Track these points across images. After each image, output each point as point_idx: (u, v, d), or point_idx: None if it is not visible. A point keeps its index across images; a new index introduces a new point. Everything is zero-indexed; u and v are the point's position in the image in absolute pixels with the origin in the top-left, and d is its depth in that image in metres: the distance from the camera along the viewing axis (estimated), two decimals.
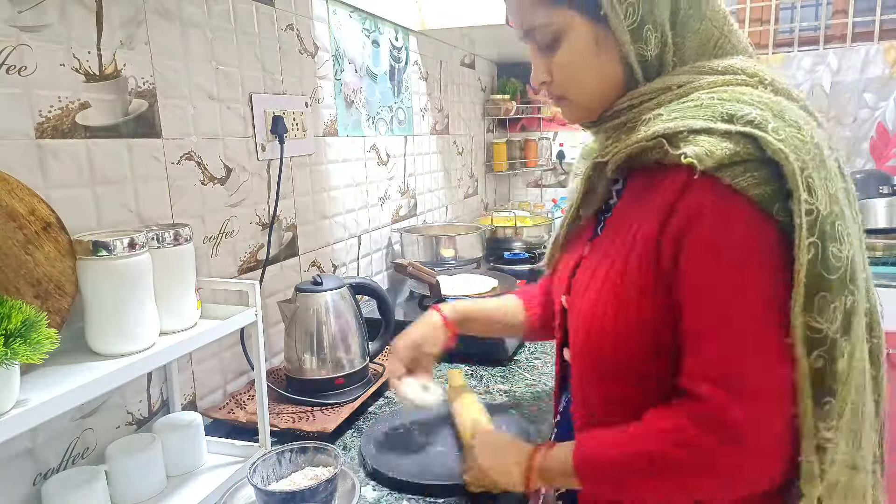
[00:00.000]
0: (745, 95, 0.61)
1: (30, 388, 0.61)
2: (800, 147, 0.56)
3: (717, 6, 0.69)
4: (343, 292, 1.14)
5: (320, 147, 1.41)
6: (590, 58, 0.69)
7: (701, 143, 0.58)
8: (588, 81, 0.70)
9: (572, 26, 0.68)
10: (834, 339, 0.56)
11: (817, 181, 0.55)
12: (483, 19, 1.80)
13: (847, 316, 0.56)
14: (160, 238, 0.78)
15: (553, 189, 2.83)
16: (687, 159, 0.58)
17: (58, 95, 0.80)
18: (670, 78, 0.67)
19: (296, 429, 0.99)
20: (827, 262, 0.55)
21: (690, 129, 0.59)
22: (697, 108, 0.61)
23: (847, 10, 2.39)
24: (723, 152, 0.57)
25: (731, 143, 0.57)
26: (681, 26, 0.67)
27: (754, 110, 0.58)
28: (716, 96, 0.62)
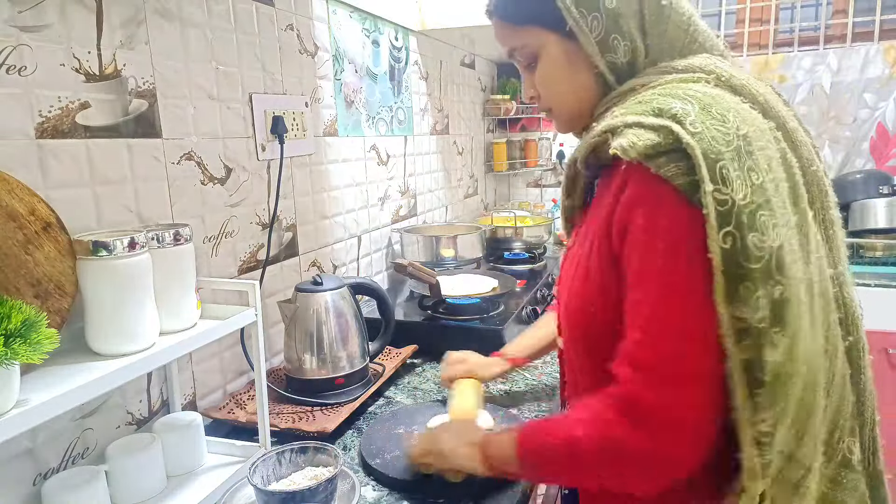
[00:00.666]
0: (680, 90, 0.63)
1: (30, 388, 0.61)
2: (717, 139, 0.57)
3: (681, 8, 0.71)
4: (343, 292, 1.14)
5: (320, 147, 1.41)
6: (564, 71, 0.73)
7: (628, 135, 0.60)
8: (565, 93, 0.75)
9: (545, 44, 0.73)
10: (759, 328, 0.56)
11: (734, 172, 0.56)
12: (483, 19, 1.78)
13: (776, 306, 0.56)
14: (160, 238, 0.78)
15: (553, 189, 2.83)
16: (613, 150, 0.61)
17: (58, 95, 0.80)
18: (636, 80, 0.70)
19: (296, 429, 0.99)
20: (747, 252, 0.56)
21: (625, 124, 0.62)
22: (638, 104, 0.64)
23: (847, 10, 2.39)
24: (645, 143, 0.59)
25: (655, 135, 0.59)
26: (648, 31, 0.69)
27: (680, 104, 0.60)
28: (657, 92, 0.64)
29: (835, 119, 2.40)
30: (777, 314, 0.57)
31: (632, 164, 0.60)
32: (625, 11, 0.68)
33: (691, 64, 0.68)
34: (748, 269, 0.56)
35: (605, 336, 0.68)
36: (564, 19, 0.68)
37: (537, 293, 1.61)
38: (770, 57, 2.47)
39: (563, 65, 0.73)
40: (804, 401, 0.60)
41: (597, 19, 0.68)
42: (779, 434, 0.58)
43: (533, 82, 0.78)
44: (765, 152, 0.60)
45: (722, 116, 0.59)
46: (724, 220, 0.56)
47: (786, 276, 0.57)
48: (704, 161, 0.56)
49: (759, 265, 0.56)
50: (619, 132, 0.62)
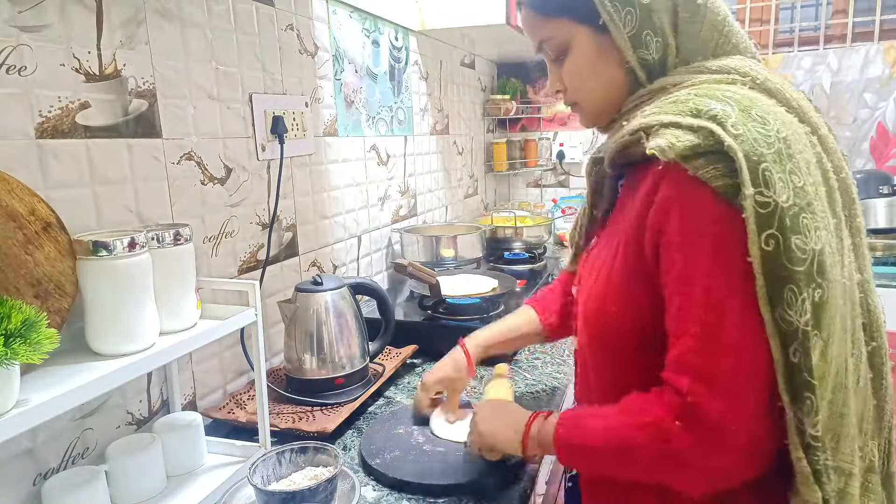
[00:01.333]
0: (718, 91, 0.63)
1: (30, 388, 0.61)
2: (759, 140, 0.57)
3: (717, 8, 0.70)
4: (343, 292, 1.14)
5: (320, 147, 1.41)
6: (593, 65, 0.72)
7: (666, 135, 0.60)
8: (594, 88, 0.74)
9: (575, 37, 0.72)
10: (806, 331, 0.56)
11: (776, 174, 0.56)
12: (483, 19, 1.80)
13: (817, 309, 0.57)
14: (160, 238, 0.78)
15: (553, 189, 2.83)
16: (650, 150, 0.60)
17: (58, 95, 0.80)
18: (667, 78, 0.69)
19: (296, 429, 0.99)
20: (790, 254, 0.55)
21: (661, 123, 0.62)
22: (673, 104, 0.63)
23: (847, 10, 2.39)
24: (684, 144, 0.58)
25: (694, 136, 0.58)
26: (681, 29, 0.69)
27: (719, 105, 0.60)
28: (692, 92, 0.64)
29: (835, 119, 2.40)
30: (816, 317, 0.57)
31: (668, 165, 0.59)
32: (659, 7, 0.67)
33: (726, 65, 0.68)
34: (792, 272, 0.56)
35: (621, 337, 0.69)
36: (597, 12, 0.68)
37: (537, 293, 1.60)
38: (770, 57, 2.47)
39: (593, 59, 0.72)
40: (834, 403, 0.60)
41: (630, 14, 0.67)
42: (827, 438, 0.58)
43: (560, 75, 0.77)
44: (803, 155, 0.60)
45: (762, 119, 0.59)
46: (765, 223, 0.55)
47: (826, 278, 0.57)
48: (747, 163, 0.56)
49: (803, 268, 0.56)
50: (654, 132, 0.62)
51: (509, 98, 2.63)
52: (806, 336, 0.56)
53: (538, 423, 0.76)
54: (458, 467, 0.88)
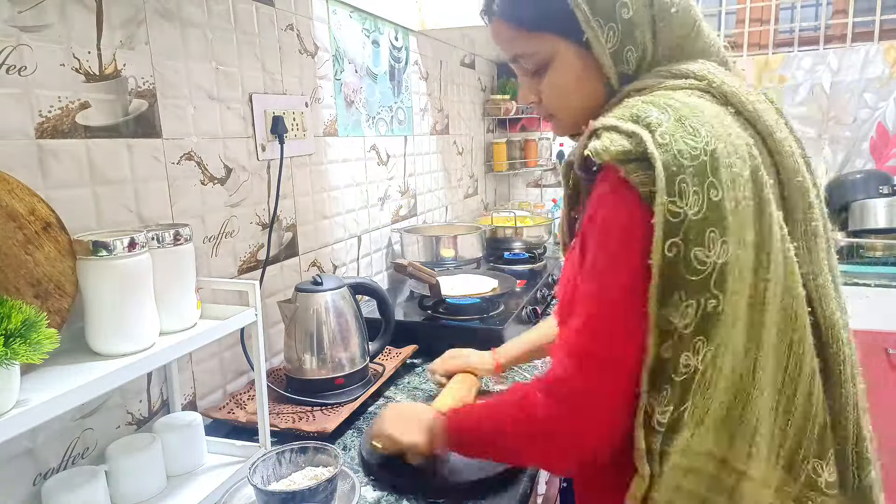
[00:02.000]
0: (663, 99, 0.64)
1: (30, 388, 0.61)
2: (683, 152, 0.59)
3: (689, 11, 0.70)
4: (343, 292, 1.14)
5: (320, 147, 1.41)
6: (576, 81, 0.73)
7: (603, 138, 0.63)
8: (574, 102, 0.75)
9: (559, 52, 0.71)
10: (683, 334, 0.60)
11: (692, 187, 0.58)
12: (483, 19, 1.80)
13: (705, 318, 0.59)
14: (160, 238, 0.78)
15: (553, 189, 2.83)
16: (587, 152, 0.63)
17: (58, 95, 0.80)
18: (634, 83, 0.70)
19: (296, 429, 0.99)
20: (689, 264, 0.58)
21: (603, 126, 0.64)
22: (622, 109, 0.65)
23: (847, 10, 2.39)
24: (617, 148, 0.61)
25: (627, 141, 0.61)
26: (658, 37, 0.70)
27: (657, 112, 0.62)
28: (642, 99, 0.65)
29: (835, 119, 2.40)
30: (703, 325, 0.60)
31: (606, 166, 0.63)
32: (640, 21, 0.68)
33: (685, 69, 0.69)
34: (686, 280, 0.59)
35: None
36: (581, 28, 0.67)
37: (537, 293, 1.61)
38: (770, 57, 2.47)
39: (577, 74, 0.72)
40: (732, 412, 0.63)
41: (612, 30, 0.67)
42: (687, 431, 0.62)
43: (534, 88, 0.76)
44: (732, 170, 0.60)
45: (694, 130, 0.60)
46: (672, 231, 0.58)
47: (724, 290, 0.59)
48: (665, 173, 0.58)
49: (699, 277, 0.59)
50: (597, 134, 0.64)
51: (509, 98, 2.63)
52: (682, 339, 0.60)
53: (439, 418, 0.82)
54: (458, 467, 0.88)
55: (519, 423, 0.70)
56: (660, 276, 0.59)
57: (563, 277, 0.78)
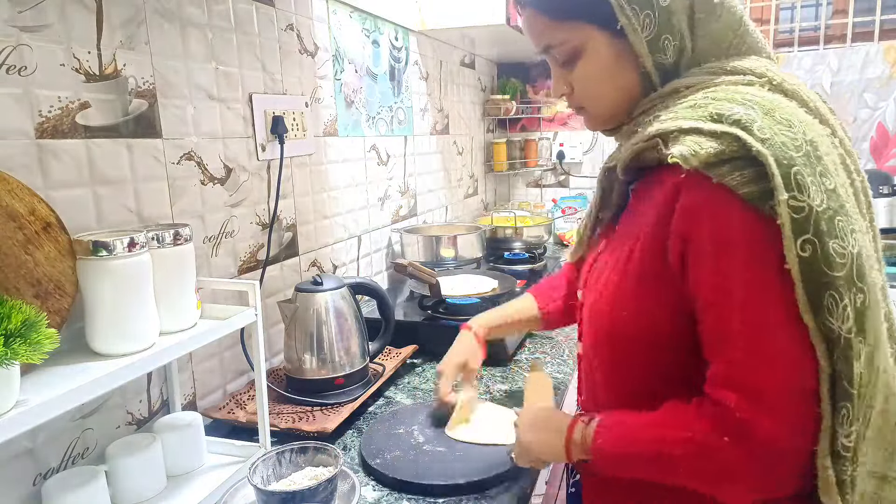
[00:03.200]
0: (738, 94, 0.61)
1: (30, 388, 0.61)
2: (787, 144, 0.56)
3: (733, 8, 0.68)
4: (343, 292, 1.14)
5: (320, 147, 1.41)
6: (609, 71, 0.70)
7: (687, 142, 0.58)
8: (607, 93, 0.72)
9: (591, 42, 0.69)
10: (848, 338, 0.54)
11: (808, 177, 0.55)
12: (483, 19, 1.80)
13: (859, 315, 0.55)
14: (160, 238, 0.78)
15: (553, 189, 2.83)
16: (672, 159, 0.59)
17: (58, 95, 0.80)
18: (681, 80, 0.67)
19: (296, 429, 0.99)
20: (829, 259, 0.54)
21: (680, 129, 0.60)
22: (691, 108, 0.62)
23: (847, 10, 2.38)
24: (707, 151, 0.57)
25: (717, 143, 0.57)
26: (697, 30, 0.67)
27: (742, 109, 0.58)
28: (710, 95, 0.62)
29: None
30: (860, 322, 0.55)
31: (689, 173, 0.58)
32: (677, 8, 0.65)
33: (741, 66, 0.66)
34: (832, 278, 0.54)
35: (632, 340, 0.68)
36: (615, 16, 0.65)
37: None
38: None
39: (609, 64, 0.69)
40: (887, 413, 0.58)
41: (649, 17, 0.65)
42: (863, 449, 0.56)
43: (566, 79, 0.74)
44: (830, 157, 0.58)
45: (787, 121, 0.57)
46: (801, 228, 0.54)
47: (865, 282, 0.55)
48: (778, 168, 0.54)
49: (843, 272, 0.54)
50: (674, 138, 0.60)
51: (509, 98, 2.63)
52: (849, 343, 0.54)
53: (579, 428, 0.71)
54: (458, 467, 0.88)
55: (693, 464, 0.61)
56: (802, 281, 0.54)
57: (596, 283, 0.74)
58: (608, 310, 0.70)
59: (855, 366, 0.55)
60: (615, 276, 0.69)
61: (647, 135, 0.64)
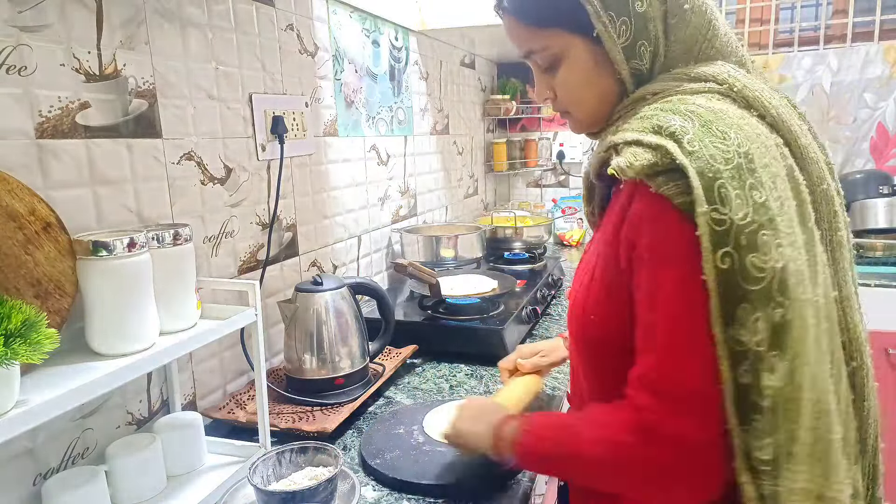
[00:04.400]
0: (683, 105, 0.62)
1: (30, 388, 0.61)
2: (716, 156, 0.56)
3: (702, 12, 0.69)
4: (343, 292, 1.14)
5: (320, 147, 1.41)
6: (588, 77, 0.71)
7: (626, 154, 0.60)
8: (587, 99, 0.73)
9: (570, 48, 0.70)
10: (758, 352, 0.55)
11: (734, 190, 0.55)
12: (483, 19, 1.80)
13: (776, 329, 0.55)
14: (160, 238, 0.78)
15: (553, 189, 2.83)
16: (610, 170, 0.61)
17: (58, 95, 0.80)
18: (649, 86, 0.68)
19: (296, 429, 0.99)
20: (745, 273, 0.54)
21: (625, 141, 0.62)
22: (640, 120, 0.63)
23: (847, 10, 2.39)
24: (641, 163, 0.58)
25: (652, 154, 0.58)
26: (670, 35, 0.68)
27: (679, 120, 0.59)
28: (659, 107, 0.63)
29: (835, 119, 2.40)
30: (776, 337, 0.55)
31: (635, 182, 0.60)
32: (654, 15, 0.66)
33: (704, 72, 0.67)
34: (746, 290, 0.54)
35: (603, 344, 0.69)
36: (592, 23, 0.66)
37: (537, 293, 1.61)
38: (770, 57, 2.47)
39: (588, 70, 0.70)
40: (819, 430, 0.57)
41: (625, 24, 0.66)
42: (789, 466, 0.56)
43: (549, 84, 0.75)
44: (769, 169, 0.58)
45: (723, 133, 0.58)
46: (721, 241, 0.55)
47: (788, 297, 0.55)
48: (701, 181, 0.55)
49: (759, 286, 0.54)
50: (619, 150, 0.62)
51: (509, 98, 2.63)
52: (759, 357, 0.55)
53: (511, 427, 0.74)
54: (458, 468, 0.88)
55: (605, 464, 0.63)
56: (717, 292, 0.55)
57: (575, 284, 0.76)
58: (580, 313, 0.71)
59: (765, 378, 0.55)
60: (586, 279, 0.71)
61: (604, 145, 0.67)
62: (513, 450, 0.72)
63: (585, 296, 0.70)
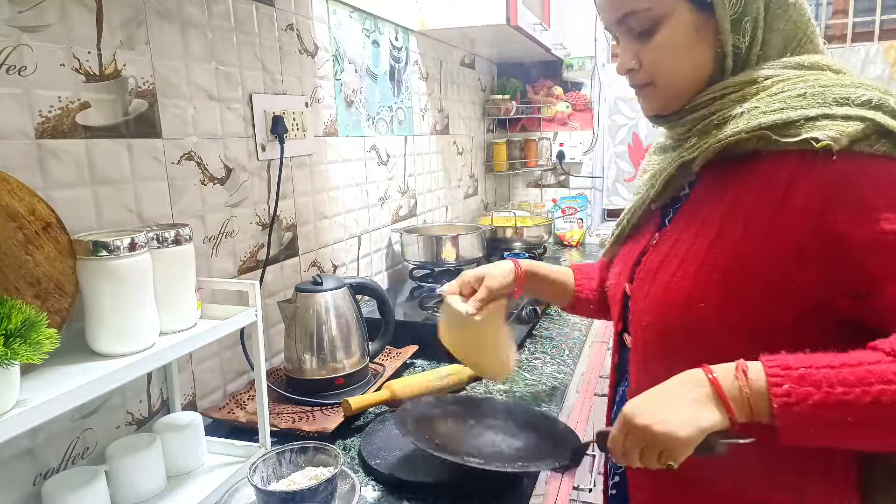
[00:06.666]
0: (847, 80, 0.64)
1: (30, 388, 0.61)
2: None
3: (803, 8, 0.70)
4: (343, 292, 1.14)
5: (320, 147, 1.41)
6: (688, 44, 0.70)
7: (826, 127, 0.60)
8: (681, 67, 0.71)
9: (675, 11, 0.69)
10: None
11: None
12: (483, 19, 1.80)
13: None
14: (160, 238, 0.78)
15: (553, 189, 2.83)
16: (821, 143, 0.59)
17: (58, 95, 0.80)
18: (755, 72, 0.69)
19: (296, 429, 0.99)
20: None
21: (806, 118, 0.62)
22: (802, 98, 0.63)
23: (847, 10, 2.39)
24: (853, 129, 0.59)
25: (856, 123, 0.60)
26: (770, 23, 0.69)
27: (866, 91, 0.61)
28: (817, 84, 0.64)
29: None
30: None
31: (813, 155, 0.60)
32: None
33: (817, 62, 0.68)
34: None
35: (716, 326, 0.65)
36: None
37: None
38: None
39: (689, 36, 0.69)
40: None
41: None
42: None
43: (636, 53, 0.73)
44: None
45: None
46: None
47: None
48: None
49: None
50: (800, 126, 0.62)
51: (509, 98, 2.63)
52: None
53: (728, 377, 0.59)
54: (458, 467, 0.88)
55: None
56: None
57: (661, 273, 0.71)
58: (684, 297, 0.67)
59: None
60: (692, 268, 0.67)
61: (751, 126, 0.64)
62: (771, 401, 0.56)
63: (693, 284, 0.67)
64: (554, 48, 2.41)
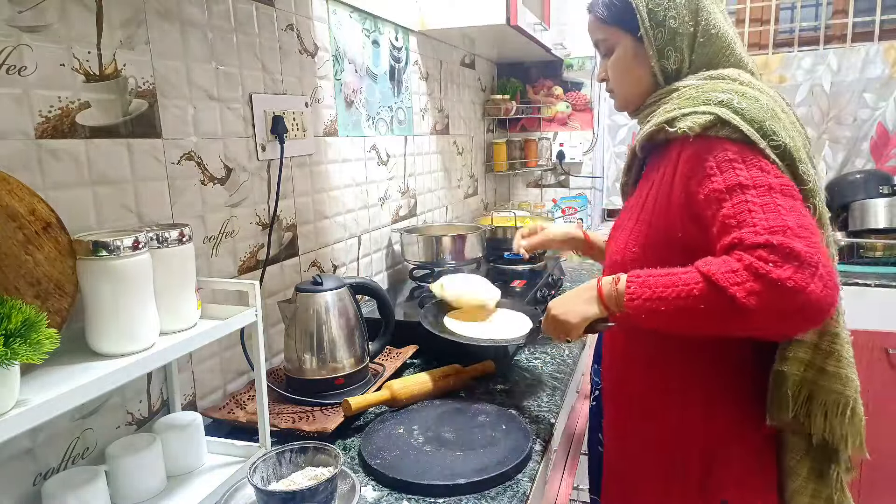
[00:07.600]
0: (719, 86, 0.86)
1: (30, 388, 0.61)
2: (757, 109, 0.81)
3: (724, 36, 0.92)
4: (343, 292, 1.14)
5: (320, 147, 1.41)
6: (630, 65, 0.97)
7: (689, 119, 0.83)
8: (627, 80, 0.99)
9: (620, 42, 0.97)
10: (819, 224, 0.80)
11: (775, 128, 0.79)
12: (483, 19, 1.80)
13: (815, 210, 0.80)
14: (160, 238, 0.78)
15: (553, 189, 2.83)
16: (681, 130, 0.83)
17: (58, 95, 0.80)
18: (679, 82, 0.93)
19: (296, 429, 0.99)
20: (799, 177, 0.79)
21: (682, 114, 0.84)
22: (687, 100, 0.86)
23: (847, 10, 2.39)
24: (704, 120, 0.81)
25: (709, 116, 0.81)
26: (697, 50, 0.92)
27: (722, 94, 0.83)
28: (699, 89, 0.87)
29: (835, 119, 2.40)
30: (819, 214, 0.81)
31: (687, 139, 0.82)
32: (682, 31, 0.91)
33: (722, 73, 0.91)
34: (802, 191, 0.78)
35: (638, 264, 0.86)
36: (638, 26, 0.91)
37: (537, 293, 1.61)
38: (770, 57, 2.47)
39: (630, 59, 0.96)
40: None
41: (660, 32, 0.91)
42: None
43: (605, 67, 1.01)
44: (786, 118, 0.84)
45: (755, 98, 0.83)
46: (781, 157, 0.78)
47: (819, 198, 0.81)
48: (752, 126, 0.79)
49: (808, 186, 0.79)
50: (678, 120, 0.84)
51: (509, 98, 2.63)
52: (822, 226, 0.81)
53: (607, 282, 0.86)
54: (458, 467, 0.88)
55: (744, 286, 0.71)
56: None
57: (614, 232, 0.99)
58: (622, 247, 0.93)
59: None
60: (630, 224, 0.93)
61: (655, 122, 0.88)
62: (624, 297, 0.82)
63: (629, 235, 0.92)
64: (554, 48, 2.41)
